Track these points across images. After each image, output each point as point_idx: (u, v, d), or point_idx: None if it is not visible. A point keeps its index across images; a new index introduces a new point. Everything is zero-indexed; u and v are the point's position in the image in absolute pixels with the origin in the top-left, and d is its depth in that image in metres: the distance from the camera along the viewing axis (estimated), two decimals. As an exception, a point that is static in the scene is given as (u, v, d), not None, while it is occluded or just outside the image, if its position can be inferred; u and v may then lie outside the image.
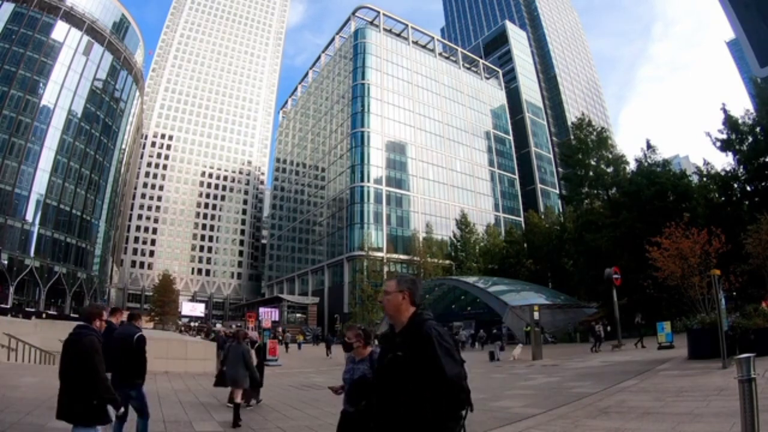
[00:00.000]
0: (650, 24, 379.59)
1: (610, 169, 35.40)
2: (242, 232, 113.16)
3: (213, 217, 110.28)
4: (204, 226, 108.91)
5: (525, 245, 50.69)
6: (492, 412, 8.22)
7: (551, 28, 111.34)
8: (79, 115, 57.58)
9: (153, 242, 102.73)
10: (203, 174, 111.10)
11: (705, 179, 30.06)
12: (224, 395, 10.42)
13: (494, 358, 20.76)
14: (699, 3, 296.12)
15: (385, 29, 77.15)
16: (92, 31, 60.69)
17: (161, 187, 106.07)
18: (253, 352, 9.11)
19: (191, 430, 6.76)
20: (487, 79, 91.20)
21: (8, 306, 40.75)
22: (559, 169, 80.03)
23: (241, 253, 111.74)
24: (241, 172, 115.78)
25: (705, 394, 7.80)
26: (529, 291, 35.34)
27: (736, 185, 27.45)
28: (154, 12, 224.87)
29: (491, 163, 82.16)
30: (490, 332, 33.37)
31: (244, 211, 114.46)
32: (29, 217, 51.20)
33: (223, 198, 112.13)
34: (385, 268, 58.79)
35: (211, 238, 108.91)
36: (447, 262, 56.98)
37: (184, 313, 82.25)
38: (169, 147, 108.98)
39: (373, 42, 73.02)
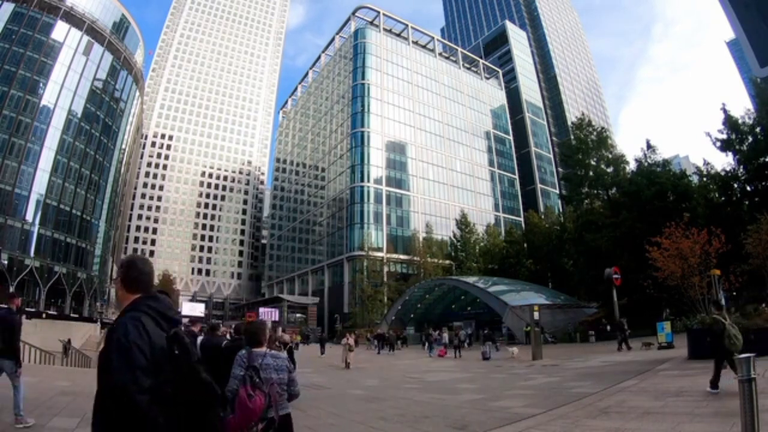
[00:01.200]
0: (650, 24, 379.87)
1: (610, 169, 35.40)
2: (242, 232, 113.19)
3: (213, 217, 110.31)
4: (204, 226, 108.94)
5: (525, 245, 50.70)
6: (492, 412, 8.23)
7: (551, 28, 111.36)
8: (79, 115, 57.57)
9: (153, 242, 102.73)
10: (203, 174, 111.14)
11: (705, 179, 30.04)
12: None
13: (486, 357, 21.19)
14: (699, 3, 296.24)
15: (385, 29, 77.16)
16: (92, 31, 60.68)
17: (161, 187, 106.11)
18: (285, 353, 9.74)
19: (191, 430, 6.74)
20: (487, 79, 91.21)
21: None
22: (559, 169, 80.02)
23: (241, 253, 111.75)
24: (241, 172, 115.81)
25: (705, 394, 7.81)
26: (529, 291, 35.34)
27: (736, 185, 27.43)
28: (154, 12, 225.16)
29: (491, 163, 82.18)
30: (481, 332, 33.42)
31: (244, 211, 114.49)
32: (29, 217, 51.18)
33: (223, 198, 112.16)
34: (385, 268, 58.82)
35: (211, 238, 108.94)
36: (447, 262, 56.98)
37: (184, 313, 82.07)
38: (169, 147, 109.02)
39: (373, 42, 73.03)
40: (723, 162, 40.72)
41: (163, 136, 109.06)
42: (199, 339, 6.33)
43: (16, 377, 5.97)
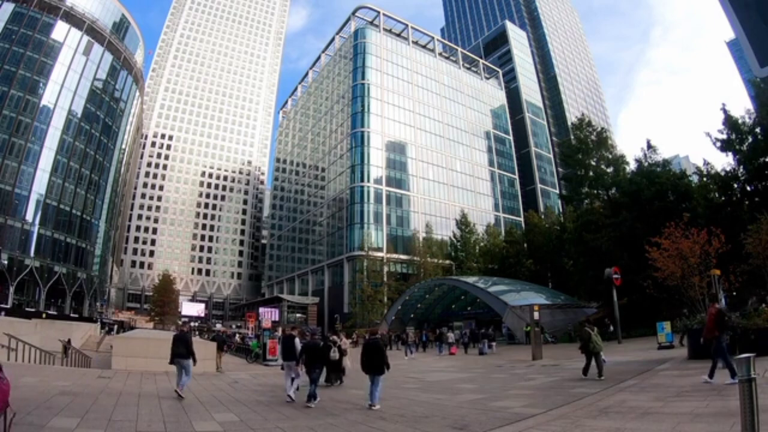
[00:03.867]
0: (649, 28, 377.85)
1: (610, 169, 35.35)
2: (242, 232, 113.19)
3: (213, 217, 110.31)
4: (204, 226, 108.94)
5: (525, 245, 50.65)
6: (492, 412, 8.23)
7: (551, 28, 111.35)
8: (79, 115, 57.57)
9: (153, 242, 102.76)
10: (203, 174, 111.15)
11: (705, 179, 29.96)
12: (224, 394, 10.45)
13: (482, 352, 25.29)
14: (698, 7, 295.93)
15: (385, 29, 77.13)
16: (92, 31, 60.68)
17: (161, 187, 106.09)
18: (336, 350, 12.46)
19: (191, 430, 6.76)
20: (487, 79, 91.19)
21: (8, 306, 40.72)
22: (559, 169, 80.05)
23: (241, 253, 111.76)
24: (241, 172, 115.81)
25: (705, 394, 7.81)
26: (529, 291, 35.31)
27: (736, 185, 27.36)
28: (154, 12, 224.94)
29: (491, 163, 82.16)
30: (478, 332, 33.89)
31: (244, 211, 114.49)
32: (29, 217, 51.19)
33: (223, 198, 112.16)
34: (385, 268, 58.80)
35: (211, 238, 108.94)
36: (447, 262, 56.96)
37: (184, 313, 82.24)
38: (169, 147, 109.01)
39: (373, 42, 73.00)
40: (723, 162, 40.75)
41: (163, 136, 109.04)
42: (297, 340, 10.85)
43: (190, 369, 9.93)
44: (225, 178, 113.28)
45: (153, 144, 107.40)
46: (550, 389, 10.91)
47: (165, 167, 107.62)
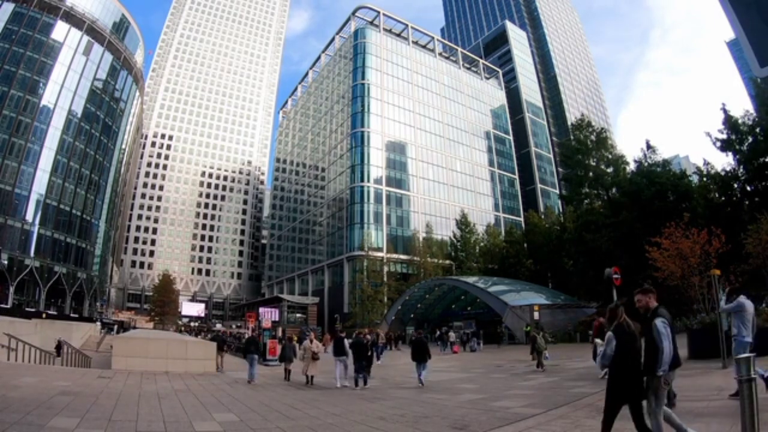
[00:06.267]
0: (648, 30, 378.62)
1: (610, 170, 35.43)
2: (242, 232, 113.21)
3: (213, 217, 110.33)
4: (204, 226, 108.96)
5: (525, 245, 50.66)
6: (492, 412, 8.22)
7: (551, 28, 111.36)
8: (79, 115, 57.57)
9: (153, 242, 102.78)
10: (203, 174, 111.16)
11: (705, 179, 29.99)
12: (224, 394, 10.44)
13: (473, 350, 28.17)
14: (698, 7, 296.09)
15: (385, 29, 77.14)
16: (92, 31, 60.67)
17: (161, 187, 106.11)
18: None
19: (191, 430, 6.76)
20: (487, 79, 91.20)
21: (8, 306, 40.70)
22: (559, 169, 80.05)
23: (241, 253, 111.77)
24: (241, 172, 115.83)
25: (705, 394, 7.80)
26: (529, 291, 35.34)
27: (736, 185, 27.41)
28: (154, 12, 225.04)
29: (491, 163, 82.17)
30: (477, 332, 34.21)
31: (244, 211, 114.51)
32: (29, 217, 51.18)
33: (223, 198, 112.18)
34: (385, 268, 58.80)
35: (211, 238, 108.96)
36: (447, 262, 56.96)
37: (184, 313, 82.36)
38: (169, 147, 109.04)
39: (373, 42, 73.00)
40: (723, 162, 40.72)
41: (163, 136, 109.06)
42: (346, 341, 12.93)
43: (256, 362, 13.31)
44: (225, 178, 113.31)
45: (153, 144, 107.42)
46: (550, 389, 10.91)
47: (165, 167, 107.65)
